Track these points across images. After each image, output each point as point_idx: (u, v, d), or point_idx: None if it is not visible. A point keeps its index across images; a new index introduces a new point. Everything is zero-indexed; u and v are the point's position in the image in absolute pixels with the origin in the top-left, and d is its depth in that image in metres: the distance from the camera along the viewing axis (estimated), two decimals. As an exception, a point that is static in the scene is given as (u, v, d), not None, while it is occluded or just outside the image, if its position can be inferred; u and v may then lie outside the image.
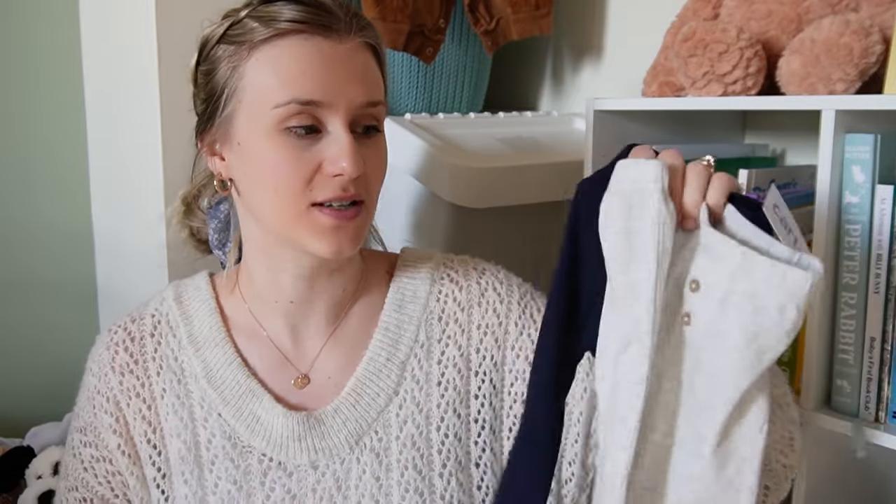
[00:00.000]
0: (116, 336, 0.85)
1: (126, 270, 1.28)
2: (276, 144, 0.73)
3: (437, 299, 0.87)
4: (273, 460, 0.80)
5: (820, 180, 0.90)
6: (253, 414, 0.81)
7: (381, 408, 0.83)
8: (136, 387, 0.83)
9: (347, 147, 0.73)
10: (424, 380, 0.84)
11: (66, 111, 1.36)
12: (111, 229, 1.33)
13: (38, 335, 1.37)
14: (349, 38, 0.75)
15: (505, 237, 1.29)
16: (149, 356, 0.84)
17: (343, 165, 0.73)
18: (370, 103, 0.76)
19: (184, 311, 0.86)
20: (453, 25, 1.37)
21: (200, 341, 0.84)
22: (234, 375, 0.82)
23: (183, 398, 0.82)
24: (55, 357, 1.39)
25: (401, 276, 0.88)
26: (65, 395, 1.39)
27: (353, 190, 0.74)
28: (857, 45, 0.91)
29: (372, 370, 0.83)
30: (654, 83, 1.17)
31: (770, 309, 0.59)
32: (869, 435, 0.88)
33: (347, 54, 0.75)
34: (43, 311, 1.37)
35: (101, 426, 0.83)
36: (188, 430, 0.82)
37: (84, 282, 1.40)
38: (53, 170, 1.36)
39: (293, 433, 0.80)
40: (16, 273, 1.35)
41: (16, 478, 1.18)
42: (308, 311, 0.84)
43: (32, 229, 1.35)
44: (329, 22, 0.74)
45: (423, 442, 0.82)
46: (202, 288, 0.87)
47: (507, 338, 0.86)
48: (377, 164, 0.78)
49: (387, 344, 0.85)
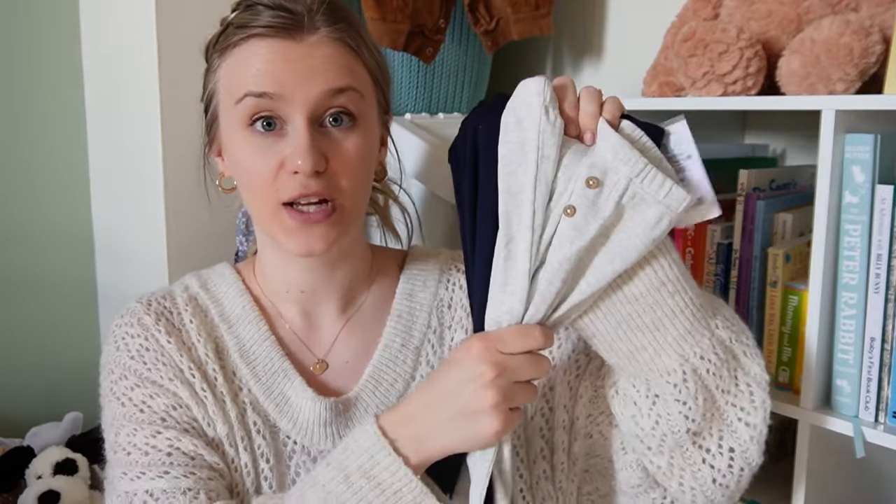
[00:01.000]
0: (153, 305, 0.83)
1: (126, 270, 1.28)
2: (244, 141, 0.75)
3: (445, 287, 0.89)
4: (297, 443, 0.80)
5: (820, 180, 0.90)
6: (283, 394, 0.81)
7: (400, 392, 0.84)
8: (181, 349, 0.80)
9: (302, 142, 0.73)
10: (438, 364, 0.85)
11: (67, 111, 1.36)
12: (111, 229, 1.33)
13: (38, 335, 1.37)
14: (313, 35, 0.75)
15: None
16: (187, 326, 0.82)
17: (298, 162, 0.72)
18: (331, 91, 0.74)
19: (212, 295, 0.86)
20: (453, 25, 1.37)
21: (233, 319, 0.84)
22: (268, 353, 0.83)
23: (220, 371, 0.81)
24: (55, 357, 1.39)
25: (410, 268, 0.90)
26: (65, 396, 1.39)
27: (316, 187, 0.74)
28: (857, 45, 0.91)
29: (388, 356, 0.85)
30: (654, 83, 1.17)
31: (649, 217, 0.67)
32: (869, 435, 0.88)
33: (306, 50, 0.75)
34: (43, 312, 1.37)
35: (161, 378, 0.79)
36: (232, 401, 0.80)
37: (84, 282, 1.40)
38: (54, 170, 1.36)
39: (320, 418, 0.80)
40: (16, 273, 1.35)
41: (16, 478, 1.18)
42: (319, 300, 0.85)
43: (33, 229, 1.35)
44: (289, 24, 0.74)
45: None
46: (226, 274, 0.88)
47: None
48: (347, 161, 0.76)
49: (400, 330, 0.86)
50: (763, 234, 1.00)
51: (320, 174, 0.74)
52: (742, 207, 1.01)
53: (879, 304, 0.88)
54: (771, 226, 1.01)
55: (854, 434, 0.89)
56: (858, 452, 0.88)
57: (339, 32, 0.77)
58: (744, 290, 1.03)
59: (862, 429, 0.89)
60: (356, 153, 0.76)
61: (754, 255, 1.01)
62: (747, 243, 1.02)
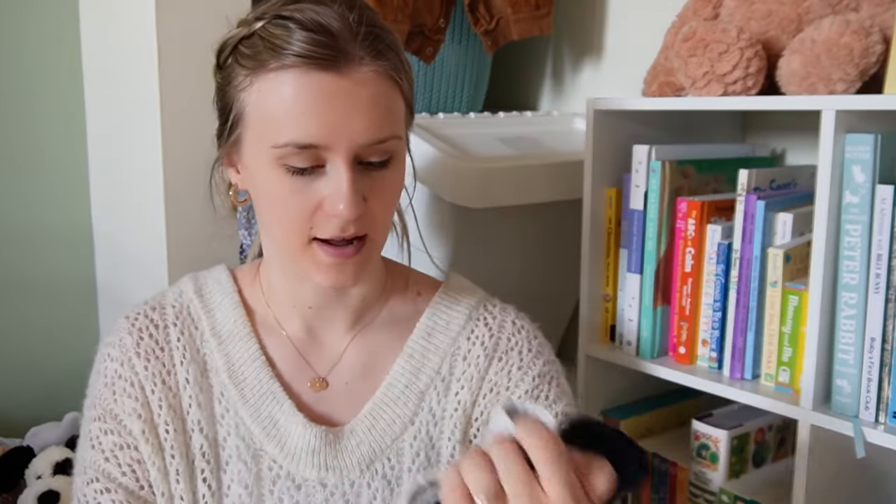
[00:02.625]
0: (139, 322, 0.81)
1: (126, 271, 1.28)
2: (278, 178, 0.71)
3: (467, 338, 0.85)
4: (283, 468, 0.78)
5: (820, 180, 0.90)
6: (271, 417, 0.79)
7: (397, 435, 0.81)
8: (161, 373, 0.79)
9: (345, 189, 0.69)
10: (440, 415, 0.82)
11: (66, 111, 1.35)
12: (111, 230, 1.33)
13: (37, 336, 1.37)
14: (358, 69, 0.69)
15: (505, 237, 1.29)
16: (173, 344, 0.80)
17: (340, 208, 0.69)
18: (376, 141, 0.70)
19: (205, 305, 0.83)
20: (453, 25, 1.37)
21: (224, 335, 0.82)
22: (257, 374, 0.80)
23: (205, 391, 0.79)
24: (55, 357, 1.39)
25: (439, 304, 0.86)
26: (64, 396, 1.39)
27: (353, 230, 0.71)
28: (857, 45, 0.91)
29: (391, 395, 0.82)
30: (654, 83, 1.17)
31: None
32: (869, 435, 0.88)
33: (353, 88, 0.69)
34: (43, 312, 1.37)
35: (123, 412, 0.78)
36: (209, 426, 0.79)
37: (84, 282, 1.40)
38: (53, 170, 1.36)
39: (308, 446, 0.78)
40: (16, 273, 1.35)
41: (15, 478, 1.18)
42: (327, 316, 0.82)
43: (32, 230, 1.35)
44: (335, 54, 0.68)
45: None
46: (223, 281, 0.85)
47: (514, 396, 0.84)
48: (385, 197, 0.73)
49: (408, 371, 0.83)
50: (763, 234, 1.00)
51: (359, 217, 0.71)
52: (742, 207, 1.01)
53: (880, 304, 0.88)
54: (771, 226, 1.01)
55: (854, 434, 0.89)
56: (859, 452, 0.88)
57: (384, 64, 0.70)
58: (744, 290, 1.03)
59: (862, 429, 0.89)
60: (394, 190, 0.75)
61: (754, 255, 1.01)
62: (747, 243, 1.02)
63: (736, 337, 1.04)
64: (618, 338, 1.17)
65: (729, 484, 1.09)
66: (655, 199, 1.08)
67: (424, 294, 0.87)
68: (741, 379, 1.04)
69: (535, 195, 1.28)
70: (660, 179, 1.08)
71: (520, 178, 1.25)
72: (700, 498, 1.11)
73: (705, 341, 1.08)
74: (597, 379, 1.20)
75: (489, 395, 0.83)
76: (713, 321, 1.06)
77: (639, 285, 1.12)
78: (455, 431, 0.82)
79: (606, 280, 1.17)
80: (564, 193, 1.28)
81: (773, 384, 1.01)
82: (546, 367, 0.85)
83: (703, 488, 1.10)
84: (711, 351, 1.07)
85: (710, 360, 1.07)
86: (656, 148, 1.09)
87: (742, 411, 1.13)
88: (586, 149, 1.14)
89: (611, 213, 1.16)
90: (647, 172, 1.09)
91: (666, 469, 1.17)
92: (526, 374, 0.84)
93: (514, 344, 0.85)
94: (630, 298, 1.13)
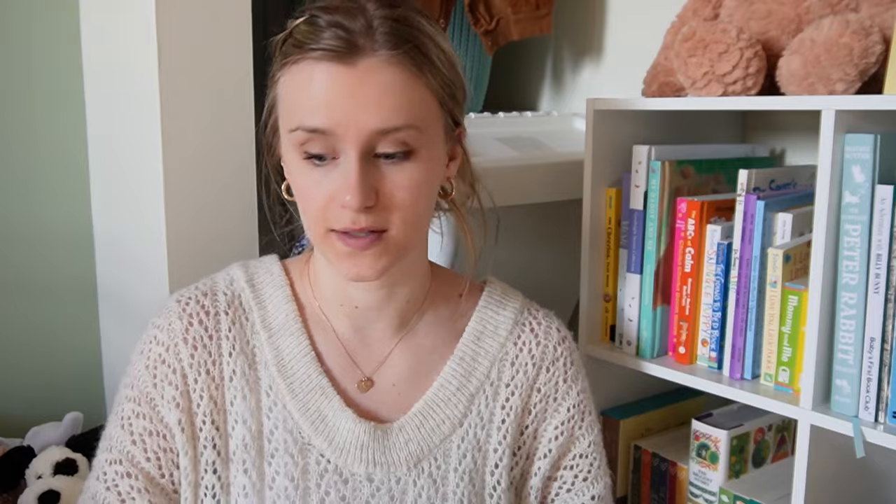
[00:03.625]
0: (189, 307, 0.81)
1: (126, 270, 1.28)
2: (299, 168, 0.74)
3: (514, 343, 0.87)
4: (331, 462, 0.79)
5: (820, 180, 0.90)
6: (319, 412, 0.80)
7: (445, 435, 0.82)
8: (206, 363, 0.79)
9: (353, 179, 0.70)
10: (488, 418, 0.84)
11: (66, 111, 1.35)
12: (111, 229, 1.33)
13: (38, 335, 1.37)
14: (367, 59, 0.70)
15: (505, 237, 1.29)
16: (223, 334, 0.80)
17: (347, 199, 0.70)
18: (384, 130, 0.70)
19: (257, 296, 0.83)
20: (453, 25, 1.37)
21: (275, 328, 0.82)
22: (307, 369, 0.81)
23: (252, 384, 0.80)
24: (55, 357, 1.39)
25: (486, 309, 0.88)
26: (65, 396, 1.39)
27: (365, 222, 0.72)
28: (856, 45, 0.91)
29: (442, 396, 0.83)
30: (654, 83, 1.17)
31: None
32: (869, 435, 0.89)
33: (361, 76, 0.70)
34: (43, 311, 1.37)
35: (160, 398, 0.79)
36: (254, 419, 0.79)
37: (84, 282, 1.40)
38: (53, 170, 1.36)
39: (357, 440, 0.79)
40: (16, 273, 1.35)
41: (16, 478, 1.18)
42: (374, 317, 0.83)
43: (32, 229, 1.35)
44: (347, 46, 0.70)
45: (479, 480, 0.83)
46: (275, 273, 0.85)
47: (556, 415, 0.87)
48: (400, 191, 0.72)
49: (459, 373, 0.84)
50: (763, 234, 1.01)
51: (370, 208, 0.71)
52: (742, 207, 1.02)
53: (879, 304, 0.89)
54: (771, 226, 1.01)
55: (854, 434, 0.89)
56: (858, 452, 0.88)
57: (400, 54, 0.70)
58: (743, 290, 1.03)
59: (862, 429, 0.89)
60: (410, 185, 0.73)
61: (754, 255, 1.01)
62: (747, 243, 1.02)
63: (736, 337, 1.04)
64: (618, 338, 1.17)
65: (729, 484, 1.09)
66: (655, 199, 1.08)
67: (466, 296, 0.88)
68: (741, 379, 1.04)
69: (534, 195, 1.28)
70: (659, 179, 1.08)
71: (519, 178, 1.25)
72: (700, 498, 1.11)
73: (705, 341, 1.08)
74: (597, 379, 1.19)
75: (539, 405, 0.86)
76: (713, 321, 1.06)
77: (638, 285, 1.12)
78: (507, 436, 0.84)
79: (606, 280, 1.17)
80: (564, 193, 1.28)
81: (772, 384, 1.01)
82: (585, 382, 0.90)
83: (702, 488, 1.11)
84: (711, 351, 1.07)
85: (710, 359, 1.07)
86: (656, 148, 1.09)
87: (742, 411, 1.13)
88: (586, 149, 1.14)
89: (610, 214, 1.16)
90: (646, 172, 1.09)
91: (666, 469, 1.17)
92: (571, 389, 0.88)
93: (559, 354, 0.88)
94: (630, 298, 1.13)
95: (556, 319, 0.91)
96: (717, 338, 1.06)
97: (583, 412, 0.88)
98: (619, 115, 1.14)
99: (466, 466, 0.82)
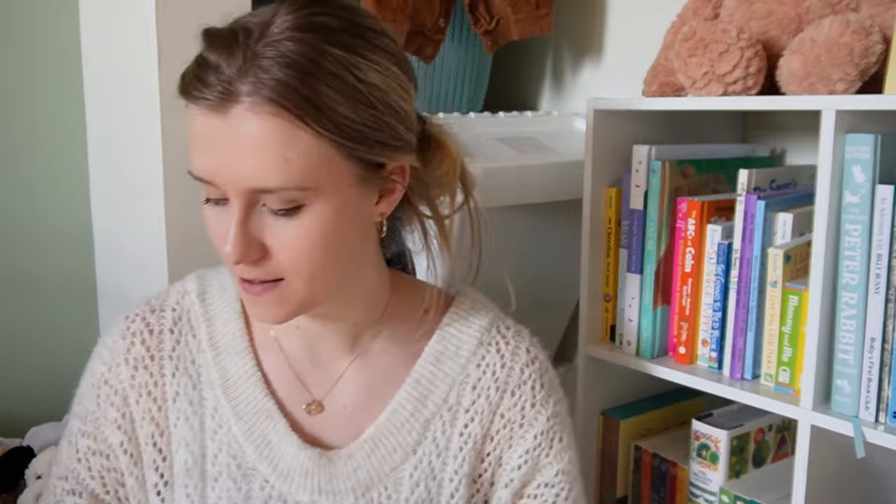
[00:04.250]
0: (134, 326, 0.78)
1: (126, 269, 1.28)
2: (204, 206, 0.70)
3: (477, 365, 0.80)
4: (275, 489, 0.75)
5: (820, 180, 0.90)
6: (264, 436, 0.76)
7: (396, 464, 0.77)
8: (148, 384, 0.77)
9: (232, 233, 0.65)
10: (444, 446, 0.79)
11: (66, 110, 1.35)
12: (111, 228, 1.33)
13: (37, 335, 1.37)
14: (235, 107, 0.62)
15: (505, 237, 1.29)
16: (166, 353, 0.77)
17: (227, 249, 0.65)
18: (256, 190, 0.64)
19: (206, 311, 0.80)
20: (453, 25, 1.37)
21: (221, 347, 0.78)
22: (252, 391, 0.77)
23: (196, 405, 0.77)
24: (55, 357, 1.39)
25: (448, 328, 0.81)
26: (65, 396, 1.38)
27: (253, 274, 0.67)
28: (857, 44, 0.91)
29: (394, 422, 0.78)
30: (654, 83, 1.17)
31: None
32: (869, 435, 0.88)
33: (228, 128, 0.62)
34: (43, 311, 1.37)
35: (103, 419, 0.77)
36: (196, 441, 0.76)
37: (84, 281, 1.40)
38: (53, 169, 1.36)
39: (301, 467, 0.75)
40: (16, 272, 1.35)
41: (16, 478, 1.18)
42: (322, 340, 0.79)
43: (32, 228, 1.35)
44: (214, 97, 0.62)
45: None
46: (228, 287, 0.81)
47: (522, 442, 0.80)
48: (289, 249, 0.66)
49: (414, 398, 0.78)
50: (763, 234, 1.00)
51: (259, 260, 0.66)
52: (742, 207, 1.01)
53: (880, 304, 0.88)
54: (771, 226, 1.01)
55: (854, 434, 0.89)
56: (859, 452, 0.88)
57: (272, 101, 0.61)
58: (744, 290, 1.03)
59: (862, 429, 0.89)
60: (299, 241, 0.66)
61: (754, 255, 1.01)
62: (747, 243, 1.02)
63: (736, 337, 1.04)
64: (618, 338, 1.17)
65: (729, 484, 1.09)
66: (655, 199, 1.08)
67: (434, 312, 0.82)
68: (741, 379, 1.04)
69: (534, 195, 1.28)
70: (660, 179, 1.08)
71: (520, 178, 1.25)
72: (700, 498, 1.11)
73: (705, 341, 1.08)
74: (597, 379, 1.20)
75: (503, 432, 0.80)
76: (713, 321, 1.06)
77: (639, 285, 1.12)
78: (463, 465, 0.79)
79: (606, 280, 1.17)
80: (564, 193, 1.28)
81: (773, 384, 1.01)
82: (557, 406, 0.83)
83: (703, 488, 1.11)
84: (711, 351, 1.07)
85: (711, 360, 1.07)
86: (656, 148, 1.09)
87: (742, 411, 1.13)
88: (586, 149, 1.14)
89: (611, 213, 1.16)
90: (647, 172, 1.09)
91: (666, 469, 1.17)
92: (539, 414, 0.81)
93: (526, 377, 0.81)
94: (630, 298, 1.13)
95: (527, 338, 0.83)
96: (718, 338, 1.06)
97: (551, 439, 0.81)
98: (620, 114, 1.14)
99: (419, 496, 0.77)
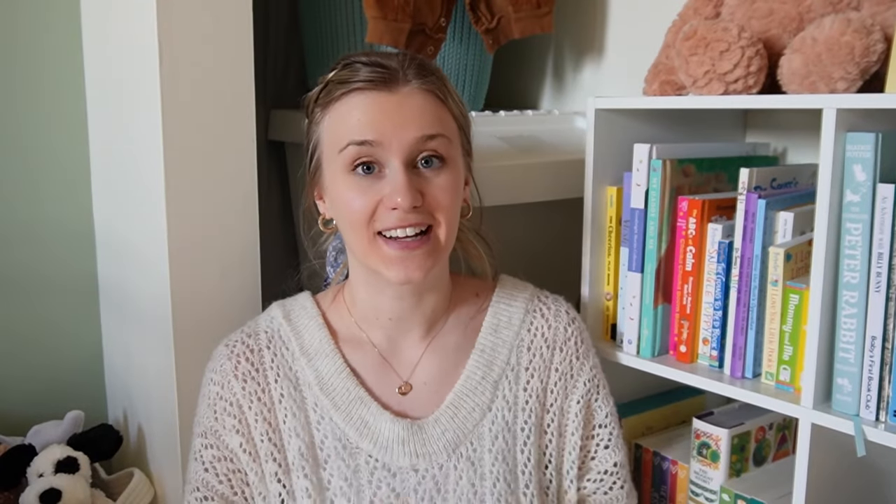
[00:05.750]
0: (237, 348, 0.94)
1: (127, 268, 1.28)
2: (346, 183, 0.86)
3: (528, 329, 0.98)
4: (379, 461, 0.90)
5: (821, 179, 0.90)
6: (361, 419, 0.91)
7: (476, 421, 0.93)
8: (257, 391, 0.92)
9: (400, 183, 0.83)
10: (513, 401, 0.95)
11: (68, 109, 1.36)
12: (112, 227, 1.33)
13: (39, 333, 1.38)
14: (404, 87, 0.86)
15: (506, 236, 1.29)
16: (267, 365, 0.93)
17: (398, 200, 0.83)
18: (424, 137, 0.85)
19: (294, 327, 0.96)
20: (454, 24, 1.37)
21: (312, 352, 0.94)
22: (344, 384, 0.92)
23: (299, 402, 0.92)
24: (57, 355, 1.39)
25: (498, 303, 1.00)
26: (66, 394, 1.39)
27: (413, 220, 0.84)
28: (858, 43, 0.91)
29: (469, 387, 0.94)
30: (655, 82, 1.17)
31: None
32: (870, 434, 0.89)
33: (400, 100, 0.85)
34: (44, 309, 1.38)
35: (222, 428, 0.92)
36: (305, 431, 0.91)
37: (85, 280, 1.40)
38: (55, 168, 1.36)
39: (398, 437, 0.90)
40: (17, 271, 1.35)
41: (17, 476, 1.18)
42: (405, 327, 0.95)
43: (34, 227, 1.35)
44: (385, 78, 0.85)
45: (511, 459, 0.93)
46: (307, 307, 0.98)
47: (575, 391, 0.98)
48: (440, 194, 0.86)
49: (482, 364, 0.96)
50: (764, 233, 1.01)
51: (417, 208, 0.84)
52: (743, 206, 1.01)
53: (880, 302, 0.89)
54: (772, 224, 1.01)
55: (855, 433, 0.89)
56: (859, 451, 0.88)
57: (428, 84, 0.87)
58: (744, 289, 1.03)
59: (863, 427, 0.89)
60: (447, 189, 0.87)
61: (755, 254, 1.01)
62: (748, 242, 1.02)
63: (737, 335, 1.04)
64: (618, 336, 1.17)
65: (729, 482, 1.09)
66: (656, 198, 1.08)
67: (482, 294, 1.01)
68: (742, 377, 1.04)
69: (535, 194, 1.28)
70: (660, 178, 1.08)
71: (520, 177, 1.25)
72: (700, 496, 1.11)
73: (706, 340, 1.08)
74: (597, 377, 1.20)
75: (559, 384, 0.97)
76: (714, 320, 1.06)
77: (639, 284, 1.12)
78: (531, 416, 0.95)
79: (607, 279, 1.18)
80: (565, 192, 1.28)
81: (773, 383, 1.01)
82: (596, 359, 1.01)
83: (703, 487, 1.11)
84: (712, 349, 1.07)
85: (711, 358, 1.07)
86: (657, 147, 1.09)
87: (743, 410, 1.13)
88: (587, 147, 1.14)
89: (611, 212, 1.16)
90: (647, 171, 1.09)
91: (667, 467, 1.18)
92: (584, 365, 0.99)
93: (570, 335, 0.99)
94: (631, 297, 1.13)
95: (564, 303, 1.01)
96: (718, 336, 1.06)
97: (597, 385, 0.99)
98: (621, 113, 1.14)
99: (499, 447, 0.92)
